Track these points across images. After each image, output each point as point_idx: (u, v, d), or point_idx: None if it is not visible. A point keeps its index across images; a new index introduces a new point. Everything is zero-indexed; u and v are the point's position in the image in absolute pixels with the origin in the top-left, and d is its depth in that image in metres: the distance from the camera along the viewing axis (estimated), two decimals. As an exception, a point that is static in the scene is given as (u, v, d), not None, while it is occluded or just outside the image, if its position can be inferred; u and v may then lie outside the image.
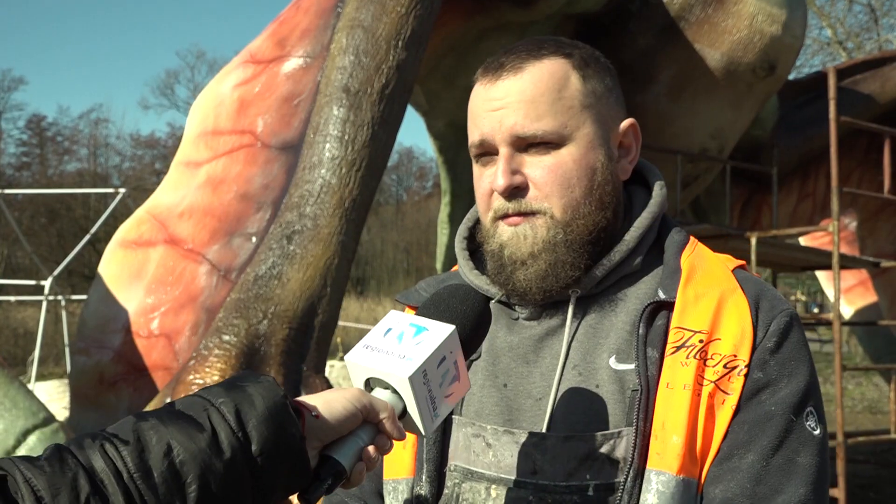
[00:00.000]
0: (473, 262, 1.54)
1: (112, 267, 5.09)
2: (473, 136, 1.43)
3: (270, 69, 5.23)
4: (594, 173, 1.40)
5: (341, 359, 15.82)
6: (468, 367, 1.44)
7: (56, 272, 14.38)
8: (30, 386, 8.40)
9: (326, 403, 1.16)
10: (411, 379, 1.19)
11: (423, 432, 1.24)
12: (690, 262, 1.41)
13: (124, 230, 5.21)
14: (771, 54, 6.89)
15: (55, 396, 9.30)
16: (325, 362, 4.69)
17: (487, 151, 1.42)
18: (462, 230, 1.59)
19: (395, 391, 1.21)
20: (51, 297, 14.15)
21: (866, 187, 9.15)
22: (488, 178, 1.42)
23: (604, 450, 1.33)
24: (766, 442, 1.28)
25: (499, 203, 1.41)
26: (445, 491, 1.44)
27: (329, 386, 4.55)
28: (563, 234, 1.38)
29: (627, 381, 1.34)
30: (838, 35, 23.72)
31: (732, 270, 1.42)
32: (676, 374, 1.30)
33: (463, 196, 7.58)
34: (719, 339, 1.32)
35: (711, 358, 1.31)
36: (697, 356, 1.30)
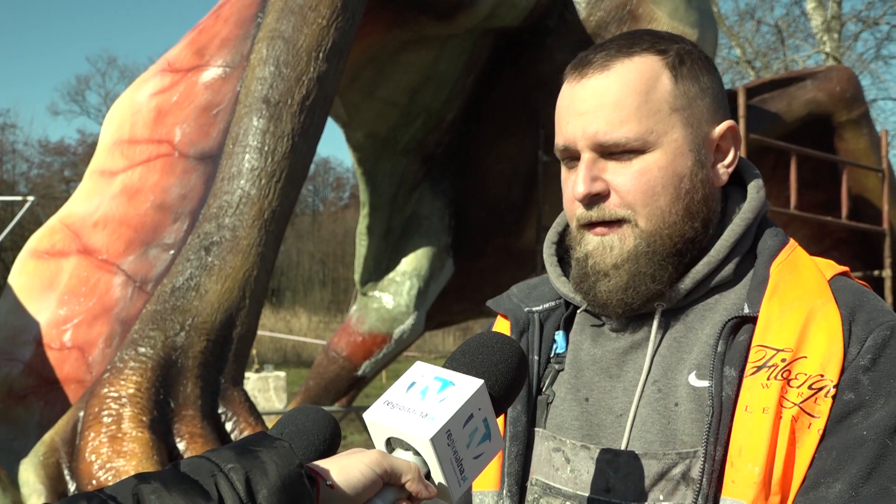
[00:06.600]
0: (562, 269, 1.47)
1: (23, 277, 4.98)
2: (558, 141, 1.37)
3: (189, 78, 5.19)
4: (681, 181, 1.31)
5: (256, 370, 15.64)
6: (552, 378, 1.41)
7: (-40, 282, 13.97)
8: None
9: (342, 470, 1.07)
10: (433, 440, 1.09)
11: (451, 498, 1.14)
12: (780, 271, 1.31)
13: (36, 239, 5.10)
14: (683, 72, 7.06)
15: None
16: (242, 374, 4.65)
17: (572, 156, 1.36)
18: (551, 234, 1.51)
19: (417, 452, 1.11)
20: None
21: (774, 202, 9.41)
22: (571, 184, 1.35)
23: (678, 470, 1.26)
24: (856, 470, 1.16)
25: (581, 210, 1.34)
26: None
27: (246, 398, 4.51)
28: (646, 244, 1.31)
29: (706, 399, 1.25)
30: (747, 54, 24.37)
31: (831, 279, 1.30)
32: (756, 397, 1.21)
33: (381, 207, 7.55)
34: (805, 357, 1.21)
35: (795, 378, 1.20)
36: (780, 377, 1.20)
